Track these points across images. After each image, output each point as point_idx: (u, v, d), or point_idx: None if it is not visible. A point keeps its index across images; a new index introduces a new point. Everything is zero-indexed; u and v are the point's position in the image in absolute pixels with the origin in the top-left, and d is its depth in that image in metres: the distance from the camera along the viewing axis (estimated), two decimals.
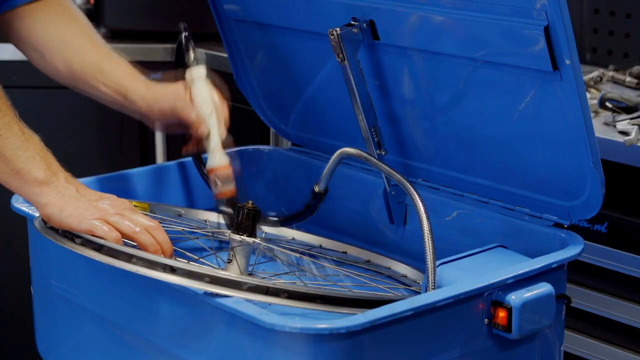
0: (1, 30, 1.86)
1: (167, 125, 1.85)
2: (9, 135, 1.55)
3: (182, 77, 1.85)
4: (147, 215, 1.62)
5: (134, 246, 1.53)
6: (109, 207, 1.56)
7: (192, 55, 1.83)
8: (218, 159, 1.81)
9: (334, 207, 1.99)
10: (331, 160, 1.74)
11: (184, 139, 1.89)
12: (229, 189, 1.81)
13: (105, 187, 1.88)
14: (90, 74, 1.82)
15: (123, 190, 1.90)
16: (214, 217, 1.90)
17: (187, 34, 1.86)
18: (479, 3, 1.56)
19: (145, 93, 1.81)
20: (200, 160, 1.94)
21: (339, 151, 1.73)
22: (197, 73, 1.82)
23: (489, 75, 1.63)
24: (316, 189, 1.79)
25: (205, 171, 1.89)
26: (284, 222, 1.89)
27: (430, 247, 1.53)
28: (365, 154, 1.71)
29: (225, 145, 1.84)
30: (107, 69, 1.82)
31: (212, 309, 1.44)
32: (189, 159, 2.01)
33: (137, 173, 1.97)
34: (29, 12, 1.82)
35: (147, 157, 2.91)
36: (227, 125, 1.83)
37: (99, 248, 1.50)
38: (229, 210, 1.80)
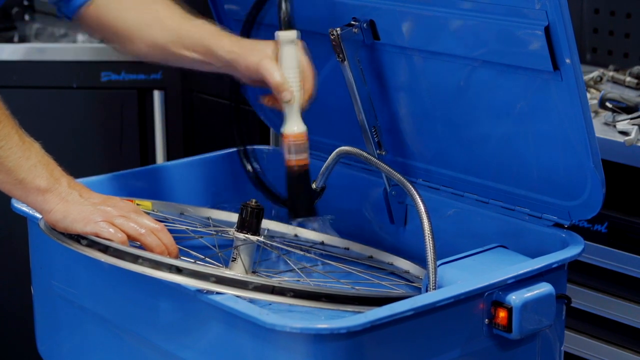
0: (87, 27, 1.89)
1: (253, 80, 1.79)
2: (10, 146, 1.54)
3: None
4: (150, 214, 1.63)
5: (139, 248, 1.54)
6: (113, 209, 1.57)
7: (285, 15, 1.74)
8: (295, 126, 1.74)
9: (334, 207, 1.98)
10: (330, 158, 1.74)
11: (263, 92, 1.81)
12: (301, 157, 1.74)
13: (105, 187, 1.88)
14: (170, 44, 1.81)
15: (123, 190, 1.90)
16: (216, 214, 1.90)
17: None
18: (479, 3, 1.56)
19: (232, 46, 1.76)
20: (246, 155, 1.93)
21: (338, 149, 1.73)
22: (288, 36, 1.73)
23: (489, 75, 1.63)
24: (313, 185, 1.78)
25: (250, 166, 1.89)
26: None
27: (431, 247, 1.53)
28: (364, 153, 1.71)
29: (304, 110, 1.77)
30: (186, 33, 1.80)
31: (212, 309, 1.44)
32: (189, 158, 2.02)
33: (137, 173, 1.97)
34: (101, 1, 1.84)
35: (147, 157, 2.91)
36: (311, 94, 1.76)
37: (105, 249, 1.51)
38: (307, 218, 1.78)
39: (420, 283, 1.74)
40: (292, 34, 1.73)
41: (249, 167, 1.94)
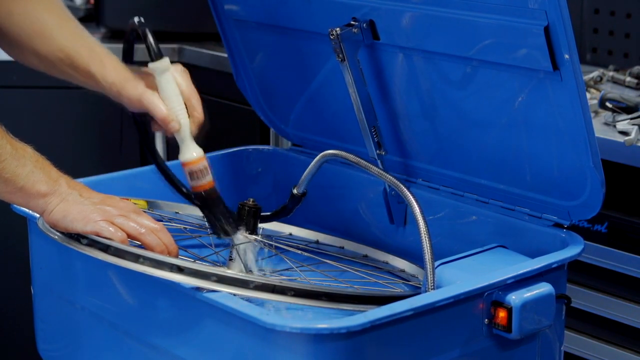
0: None
1: (138, 110, 1.72)
2: (4, 158, 1.53)
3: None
4: (146, 212, 1.63)
5: (139, 247, 1.54)
6: (113, 209, 1.56)
7: (152, 46, 1.67)
8: (193, 151, 1.68)
9: (334, 207, 1.99)
10: (312, 163, 1.74)
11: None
12: (205, 181, 1.68)
13: (105, 187, 1.87)
14: (60, 61, 1.73)
15: (123, 190, 1.90)
16: None
17: (140, 20, 1.71)
18: (479, 3, 1.56)
19: (114, 78, 1.70)
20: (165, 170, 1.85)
21: (322, 154, 1.72)
22: (161, 66, 1.67)
23: (489, 76, 1.63)
24: (294, 191, 1.78)
25: (166, 170, 1.83)
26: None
27: (428, 247, 1.53)
28: (351, 156, 1.69)
29: (200, 134, 1.71)
30: (75, 54, 1.72)
31: (212, 308, 1.44)
32: None
33: (137, 173, 1.97)
34: None
35: (147, 157, 2.91)
36: (200, 118, 1.70)
37: (106, 249, 1.51)
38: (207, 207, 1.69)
39: (417, 281, 1.74)
40: (164, 62, 1.67)
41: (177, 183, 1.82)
